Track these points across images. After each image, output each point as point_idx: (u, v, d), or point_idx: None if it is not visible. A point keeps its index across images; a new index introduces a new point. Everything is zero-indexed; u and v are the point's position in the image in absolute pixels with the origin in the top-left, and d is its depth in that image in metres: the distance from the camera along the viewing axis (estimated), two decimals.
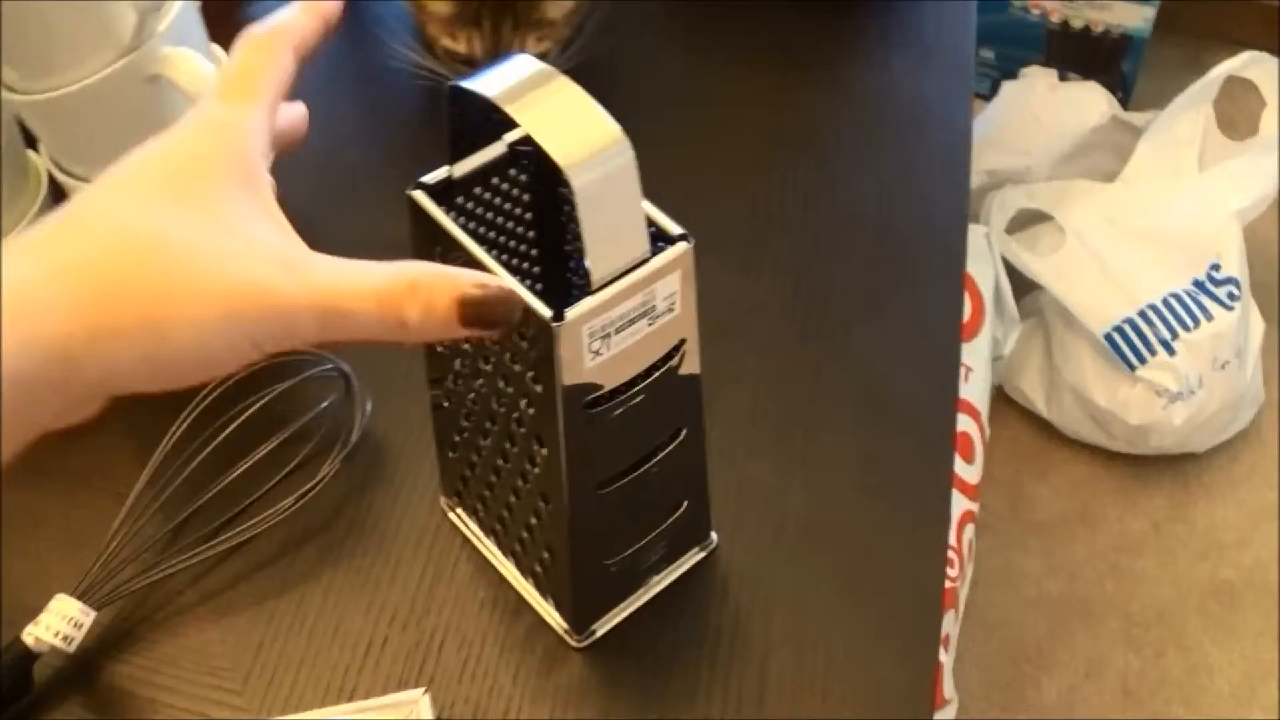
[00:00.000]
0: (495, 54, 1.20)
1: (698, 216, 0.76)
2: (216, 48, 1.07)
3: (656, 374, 0.80)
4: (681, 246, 0.75)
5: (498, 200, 0.86)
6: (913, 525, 0.99)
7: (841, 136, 1.27)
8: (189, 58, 0.97)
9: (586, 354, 0.74)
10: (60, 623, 0.88)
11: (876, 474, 1.02)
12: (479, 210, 0.85)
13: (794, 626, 0.93)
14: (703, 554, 0.96)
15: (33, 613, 0.89)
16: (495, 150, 0.83)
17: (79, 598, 0.89)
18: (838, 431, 1.05)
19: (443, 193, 0.80)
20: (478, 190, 0.84)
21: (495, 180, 0.85)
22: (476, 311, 0.61)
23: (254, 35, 0.69)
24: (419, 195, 0.78)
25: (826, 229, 1.19)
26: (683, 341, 0.80)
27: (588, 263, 0.71)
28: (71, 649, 0.88)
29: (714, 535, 0.97)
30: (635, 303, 0.75)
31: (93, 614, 0.89)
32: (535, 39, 1.22)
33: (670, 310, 0.77)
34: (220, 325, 0.56)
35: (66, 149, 1.03)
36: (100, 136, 0.99)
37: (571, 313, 0.71)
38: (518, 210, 0.87)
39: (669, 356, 0.80)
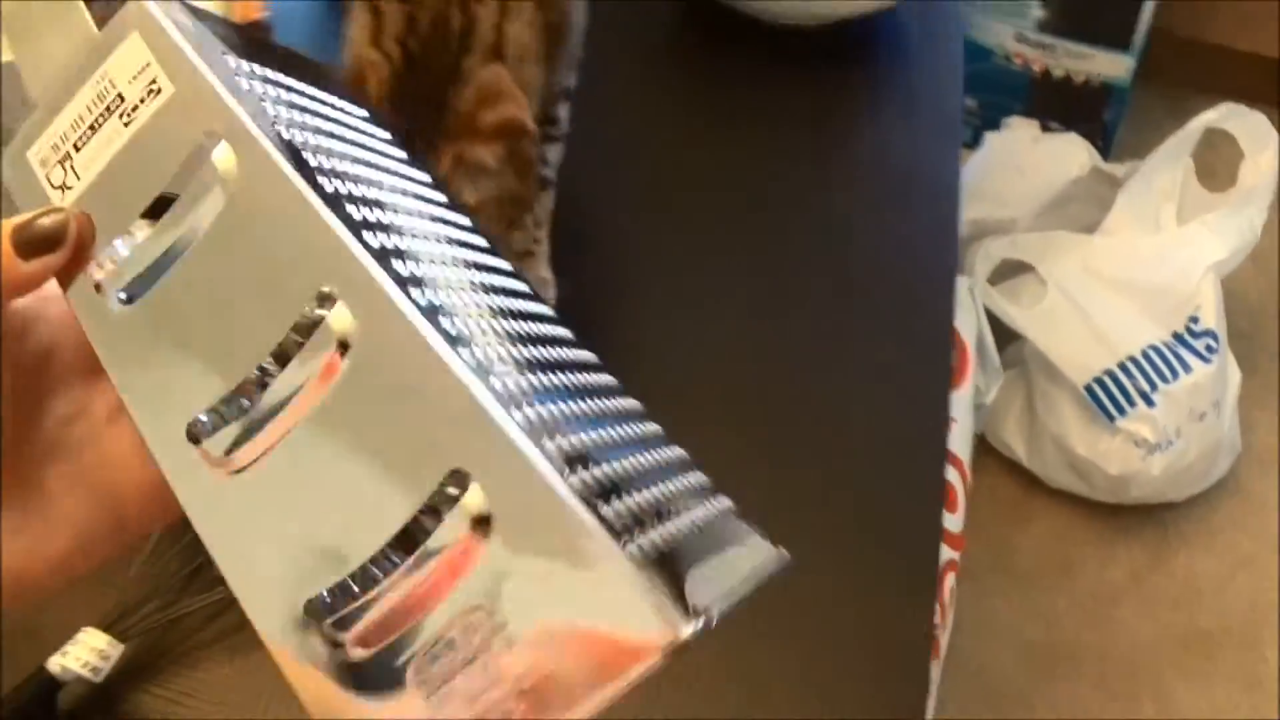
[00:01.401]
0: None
1: (692, 275, 0.74)
2: None
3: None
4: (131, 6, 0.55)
5: None
6: (902, 588, 1.01)
7: (833, 193, 1.29)
8: None
9: (50, 190, 0.56)
10: (88, 654, 0.90)
11: (866, 535, 1.03)
12: None
13: (775, 703, 0.95)
14: None
15: (45, 642, 0.92)
16: None
17: (105, 630, 0.92)
18: (830, 480, 1.06)
19: None
20: None
21: None
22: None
23: None
24: None
25: (817, 290, 1.20)
26: (214, 139, 0.52)
27: None
28: (99, 679, 0.91)
29: None
30: (85, 99, 0.55)
31: (120, 647, 0.92)
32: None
33: (154, 92, 0.54)
34: None
35: None
36: None
37: None
38: None
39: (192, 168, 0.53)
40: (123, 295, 0.53)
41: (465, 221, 0.63)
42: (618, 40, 1.20)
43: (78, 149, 0.54)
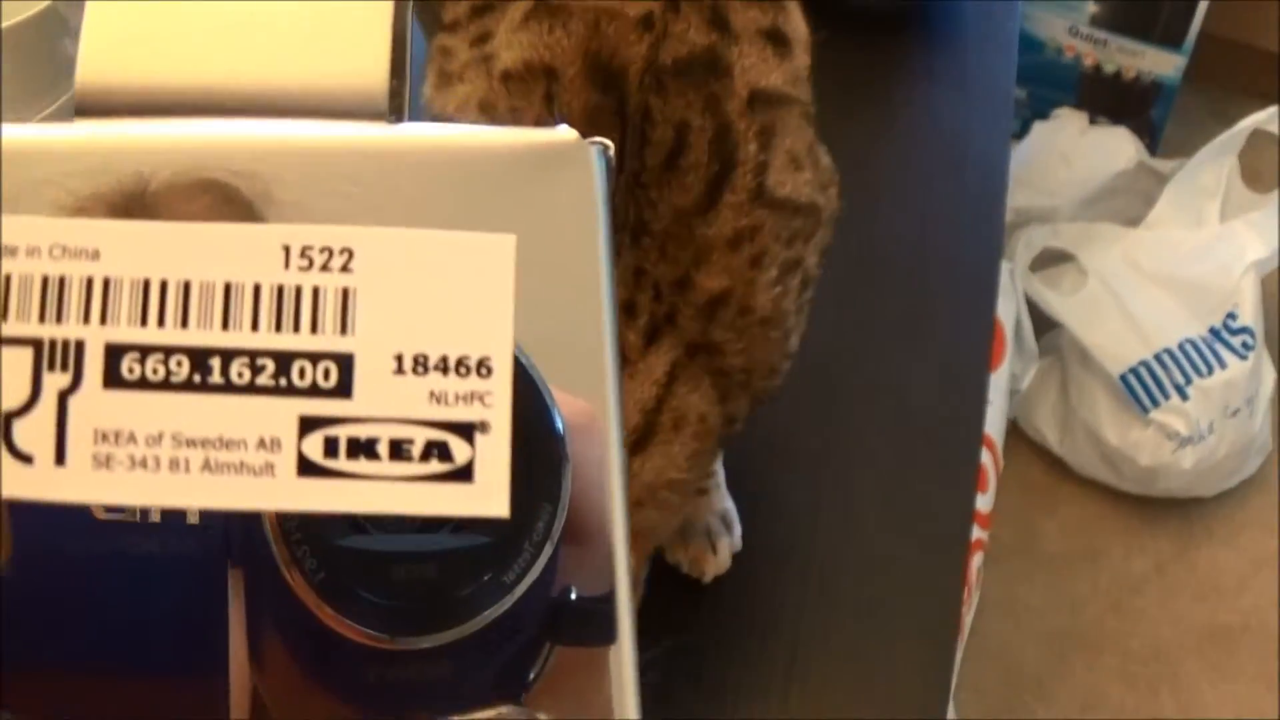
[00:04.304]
0: None
1: None
2: None
3: None
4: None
5: None
6: (932, 561, 1.03)
7: (883, 168, 1.30)
8: None
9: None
10: None
11: (900, 509, 1.05)
12: None
13: (816, 647, 0.97)
14: None
15: None
16: None
17: None
18: (867, 454, 1.08)
19: None
20: None
21: None
22: None
23: None
24: None
25: (864, 258, 1.21)
26: None
27: None
28: None
29: None
30: None
31: None
32: None
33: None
34: None
35: None
36: None
37: None
38: None
39: None
40: None
41: None
42: None
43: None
